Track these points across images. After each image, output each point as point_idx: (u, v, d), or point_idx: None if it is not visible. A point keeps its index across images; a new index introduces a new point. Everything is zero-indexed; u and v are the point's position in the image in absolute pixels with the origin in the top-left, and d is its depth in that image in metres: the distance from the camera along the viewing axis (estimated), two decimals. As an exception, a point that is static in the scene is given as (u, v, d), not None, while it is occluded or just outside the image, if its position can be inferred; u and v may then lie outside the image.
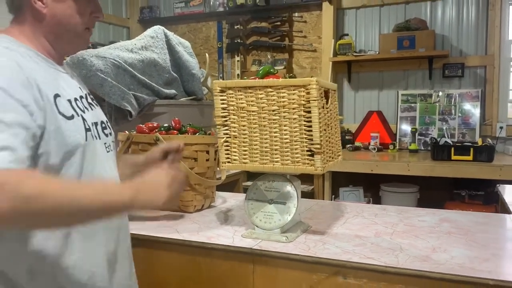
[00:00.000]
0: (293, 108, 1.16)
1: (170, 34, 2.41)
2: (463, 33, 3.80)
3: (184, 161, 1.47)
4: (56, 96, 0.91)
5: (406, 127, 3.90)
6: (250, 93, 1.19)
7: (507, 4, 3.64)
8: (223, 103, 1.23)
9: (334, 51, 4.02)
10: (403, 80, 4.00)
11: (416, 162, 3.21)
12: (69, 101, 0.94)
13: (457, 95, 3.77)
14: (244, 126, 1.23)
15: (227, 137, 1.27)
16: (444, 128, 3.79)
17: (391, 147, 3.79)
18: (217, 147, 1.60)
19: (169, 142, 1.26)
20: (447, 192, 3.44)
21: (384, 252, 1.09)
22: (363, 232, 1.27)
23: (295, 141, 1.17)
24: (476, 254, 1.07)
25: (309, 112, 1.14)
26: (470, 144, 3.20)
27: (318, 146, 1.14)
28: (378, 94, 4.10)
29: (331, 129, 1.27)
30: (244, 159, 1.25)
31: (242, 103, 1.20)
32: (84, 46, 1.10)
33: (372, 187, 3.62)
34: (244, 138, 1.24)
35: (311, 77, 1.17)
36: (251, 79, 1.24)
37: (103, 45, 4.17)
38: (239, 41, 4.50)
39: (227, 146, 1.27)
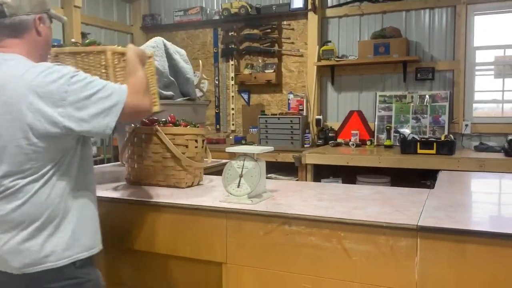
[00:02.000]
0: (99, 67, 1.58)
1: (168, 44, 2.83)
2: (434, 40, 4.22)
3: (177, 147, 1.89)
4: None
5: (383, 125, 4.32)
6: (75, 57, 1.61)
7: (472, 15, 4.06)
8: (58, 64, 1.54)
9: (318, 56, 4.45)
10: (381, 83, 4.42)
11: (387, 156, 3.63)
12: None
13: (428, 96, 4.19)
14: None
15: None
16: (417, 125, 4.20)
17: (368, 143, 4.21)
18: (204, 136, 2.02)
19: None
20: (415, 183, 3.84)
21: (319, 210, 1.51)
22: (310, 199, 1.69)
23: None
24: (384, 210, 1.49)
25: (106, 69, 1.56)
26: (434, 139, 3.62)
27: None
28: (358, 96, 4.52)
29: None
30: None
31: (69, 64, 1.58)
32: None
33: (350, 178, 4.02)
34: None
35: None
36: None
37: (109, 50, 4.60)
38: (233, 46, 4.93)
39: None
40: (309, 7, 4.47)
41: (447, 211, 1.46)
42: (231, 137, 4.95)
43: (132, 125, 2.04)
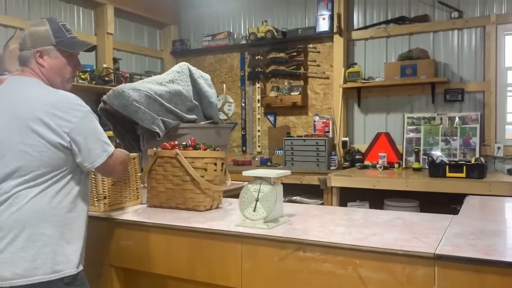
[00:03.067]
0: None
1: (193, 69, 2.89)
2: (463, 61, 4.14)
3: (196, 170, 1.92)
4: None
5: (411, 148, 4.23)
6: None
7: (502, 35, 3.96)
8: None
9: (344, 78, 4.44)
10: (408, 104, 4.35)
11: (414, 179, 3.54)
12: None
13: (458, 118, 4.09)
14: None
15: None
16: (447, 148, 4.10)
17: (396, 165, 4.13)
18: (223, 160, 2.04)
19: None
20: (444, 207, 3.72)
21: (335, 236, 1.49)
22: (328, 224, 1.67)
23: None
24: (401, 237, 1.45)
25: None
26: (463, 162, 3.51)
27: None
28: (385, 117, 4.46)
29: None
30: None
31: None
32: (68, 89, 1.64)
33: (378, 202, 3.95)
34: None
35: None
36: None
37: (140, 74, 4.77)
38: (259, 70, 4.99)
39: None
40: (335, 30, 4.48)
41: (468, 239, 1.41)
42: (257, 159, 4.97)
43: (154, 148, 2.08)
